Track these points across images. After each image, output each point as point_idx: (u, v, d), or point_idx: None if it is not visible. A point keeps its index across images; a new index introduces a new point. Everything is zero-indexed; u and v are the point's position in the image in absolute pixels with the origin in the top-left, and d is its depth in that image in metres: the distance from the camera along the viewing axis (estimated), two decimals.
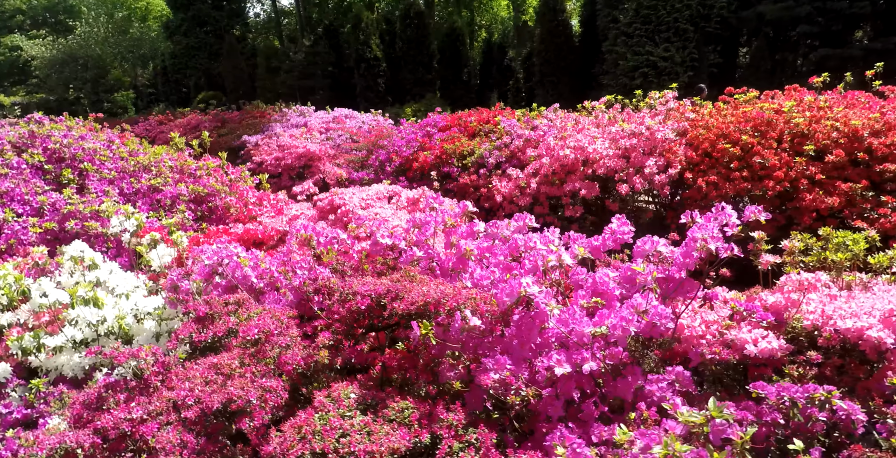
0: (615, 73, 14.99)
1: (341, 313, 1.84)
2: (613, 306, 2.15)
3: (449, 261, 2.28)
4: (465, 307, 1.69)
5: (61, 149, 4.58)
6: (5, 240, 3.67)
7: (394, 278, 1.98)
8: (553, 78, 17.44)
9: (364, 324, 1.90)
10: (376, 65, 20.83)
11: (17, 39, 39.23)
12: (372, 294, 1.77)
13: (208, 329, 1.88)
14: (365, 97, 20.54)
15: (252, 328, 1.74)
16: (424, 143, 7.59)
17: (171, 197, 4.38)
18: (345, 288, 1.86)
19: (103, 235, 3.79)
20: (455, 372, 1.86)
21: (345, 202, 3.67)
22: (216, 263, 2.97)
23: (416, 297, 1.70)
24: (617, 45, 14.83)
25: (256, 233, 3.65)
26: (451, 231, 2.33)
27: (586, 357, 1.83)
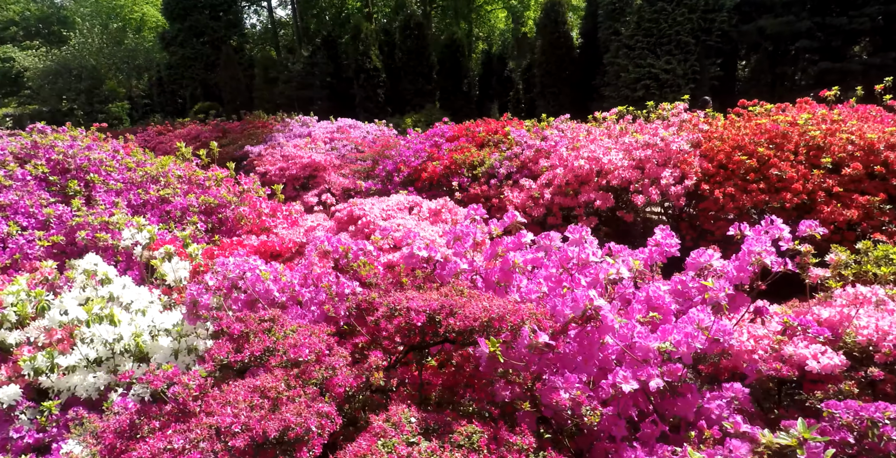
0: (617, 85, 15.02)
1: (389, 330, 1.72)
2: (670, 321, 2.04)
3: (493, 274, 2.17)
4: (529, 323, 1.57)
5: (66, 159, 4.44)
6: (10, 255, 3.53)
7: (442, 293, 1.87)
8: (554, 89, 17.46)
9: (415, 342, 1.77)
10: (376, 75, 20.80)
11: (10, 50, 39.06)
12: (427, 310, 1.66)
13: (244, 349, 1.75)
14: (364, 108, 20.49)
15: (302, 349, 1.61)
16: (433, 153, 7.50)
17: (181, 208, 4.25)
18: (393, 303, 1.73)
19: (113, 248, 3.65)
20: (510, 391, 1.74)
21: (365, 213, 3.55)
22: (237, 276, 2.84)
23: (478, 312, 1.59)
24: (619, 58, 14.88)
25: (274, 245, 3.52)
26: (497, 242, 2.22)
27: (653, 374, 1.71)
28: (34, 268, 3.46)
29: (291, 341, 1.81)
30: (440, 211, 3.79)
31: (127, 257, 3.72)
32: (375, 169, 8.32)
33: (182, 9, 27.86)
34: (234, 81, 25.47)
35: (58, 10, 45.50)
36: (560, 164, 6.19)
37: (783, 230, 2.45)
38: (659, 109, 7.15)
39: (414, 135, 8.35)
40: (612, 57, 15.26)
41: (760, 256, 2.25)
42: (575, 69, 17.53)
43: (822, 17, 13.34)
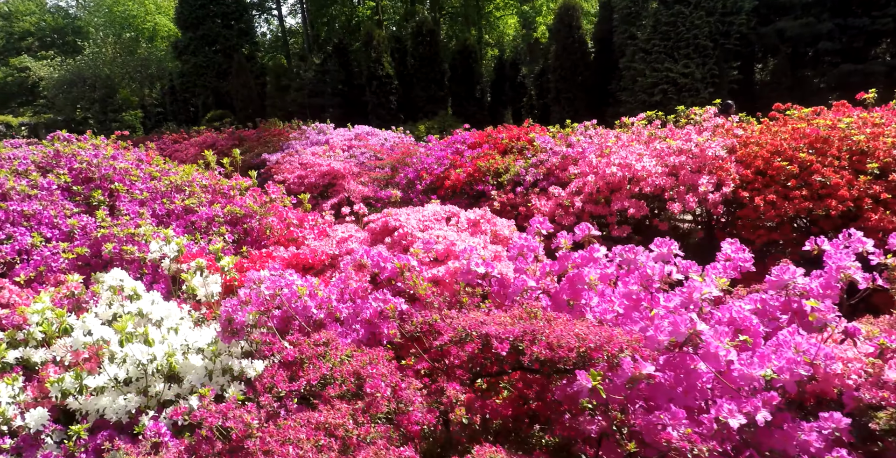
0: (633, 90, 14.84)
1: (461, 358, 1.55)
2: (759, 344, 1.86)
3: (564, 292, 2.00)
4: (627, 351, 1.40)
5: (89, 168, 4.32)
6: (34, 267, 3.40)
7: (515, 315, 1.70)
8: (569, 95, 17.29)
9: (491, 371, 1.60)
10: (388, 82, 20.74)
11: (26, 61, 39.53)
12: (509, 337, 1.49)
13: (300, 377, 1.59)
14: (377, 115, 20.42)
15: (378, 382, 1.45)
16: (455, 160, 7.35)
17: (207, 219, 4.11)
18: (468, 328, 1.57)
19: (139, 260, 3.51)
20: (597, 425, 1.57)
21: (401, 224, 3.39)
22: (274, 293, 2.69)
23: (570, 341, 1.42)
24: (635, 62, 14.70)
25: (306, 257, 3.37)
26: (566, 257, 2.05)
27: (758, 406, 1.54)
28: (59, 281, 3.33)
29: (350, 368, 1.64)
30: (479, 222, 3.63)
31: (153, 269, 3.59)
32: (395, 177, 8.18)
33: (195, 18, 28.05)
34: (245, 89, 25.53)
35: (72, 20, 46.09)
36: (590, 171, 6.01)
37: (866, 244, 2.27)
38: (688, 113, 6.96)
39: (435, 142, 8.21)
40: (628, 61, 15.08)
41: (849, 271, 2.07)
42: (590, 74, 17.35)
43: (843, 18, 13.12)
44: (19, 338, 2.82)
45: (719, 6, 14.00)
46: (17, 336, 2.84)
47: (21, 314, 2.84)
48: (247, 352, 2.83)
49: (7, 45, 43.79)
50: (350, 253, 3.45)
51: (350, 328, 2.71)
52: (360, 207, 4.05)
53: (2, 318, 2.92)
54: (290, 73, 25.72)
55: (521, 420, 1.80)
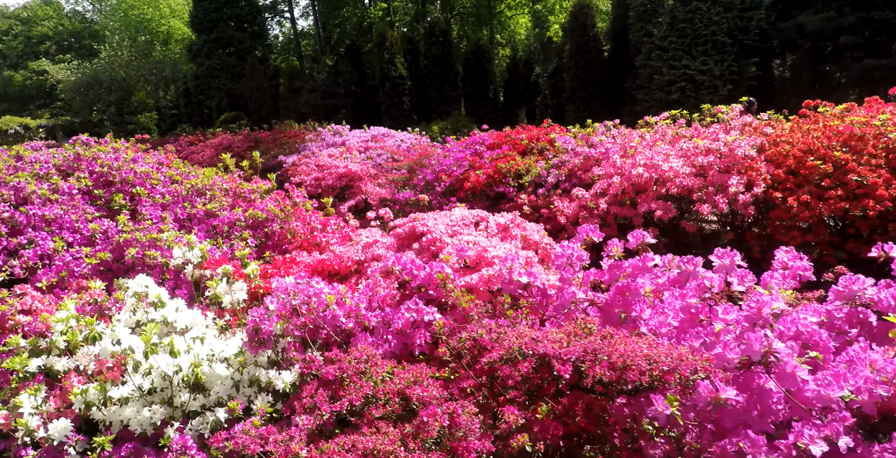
0: (650, 88, 14.62)
1: (514, 378, 1.45)
2: (829, 361, 1.73)
3: (616, 305, 1.88)
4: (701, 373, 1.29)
5: (110, 172, 4.27)
6: (56, 272, 3.34)
7: (568, 331, 1.59)
8: (584, 94, 17.09)
9: (549, 392, 1.49)
10: (401, 83, 20.66)
11: (44, 64, 40.02)
12: (571, 357, 1.38)
13: (341, 397, 1.49)
14: (390, 116, 20.35)
15: (434, 410, 1.34)
16: (474, 162, 7.24)
17: (228, 223, 4.04)
18: (525, 347, 1.46)
19: (161, 266, 3.44)
20: (661, 449, 1.45)
21: (429, 229, 3.29)
22: (302, 301, 2.60)
23: (639, 362, 1.31)
24: (651, 60, 14.48)
25: (332, 264, 3.28)
26: (616, 266, 1.94)
27: (839, 430, 1.41)
28: (81, 287, 3.27)
29: (393, 387, 1.54)
30: (508, 227, 3.51)
31: (175, 275, 3.52)
32: (413, 179, 8.09)
33: (209, 21, 28.20)
34: (259, 91, 25.60)
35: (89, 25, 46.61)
36: (615, 172, 5.87)
37: None
38: (714, 111, 6.80)
39: (453, 143, 8.10)
40: (644, 59, 14.86)
41: None
42: (605, 73, 17.14)
43: (865, 11, 12.82)
44: (42, 346, 2.76)
45: (738, 1, 13.74)
46: (39, 344, 2.78)
47: (44, 322, 2.78)
48: (272, 361, 2.74)
49: (26, 49, 44.38)
50: (377, 259, 3.36)
51: (381, 339, 2.61)
52: (385, 211, 3.95)
53: (24, 325, 2.86)
54: (303, 74, 25.75)
55: (571, 439, 1.69)
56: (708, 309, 1.93)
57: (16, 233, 3.64)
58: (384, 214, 3.93)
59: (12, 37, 44.43)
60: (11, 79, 41.71)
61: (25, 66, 42.17)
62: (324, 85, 23.35)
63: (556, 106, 19.01)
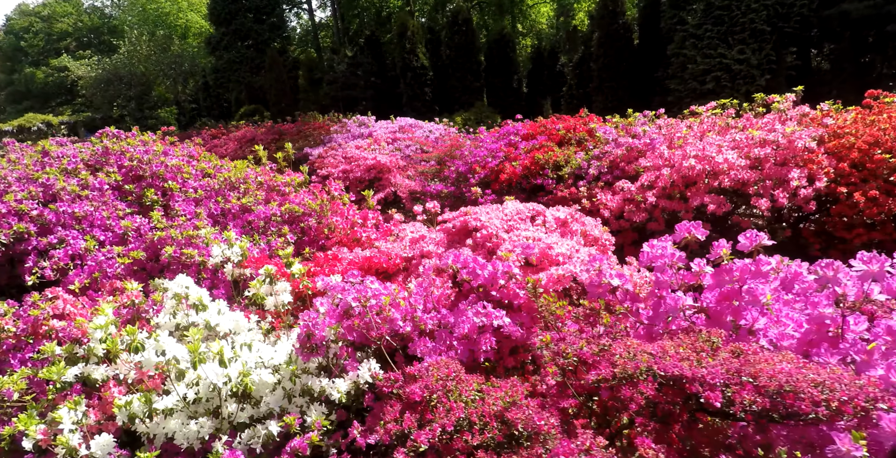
0: (683, 78, 14.13)
1: (638, 402, 1.20)
2: None
3: (726, 312, 1.62)
4: (882, 403, 1.03)
5: (139, 166, 4.08)
6: (89, 273, 3.15)
7: (695, 347, 1.34)
8: (612, 83, 16.62)
9: (681, 419, 1.25)
10: (423, 73, 20.33)
11: (65, 60, 40.35)
12: (716, 381, 1.13)
13: (428, 420, 1.26)
14: (411, 107, 20.06)
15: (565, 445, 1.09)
16: (509, 153, 6.96)
17: (264, 218, 3.83)
18: (663, 369, 1.21)
19: (197, 265, 3.24)
20: None
21: (483, 224, 3.04)
22: (361, 304, 2.37)
23: (806, 388, 1.05)
24: (685, 48, 13.97)
25: (380, 261, 3.05)
26: (725, 270, 1.67)
27: None
28: (114, 288, 3.09)
29: (488, 409, 1.30)
30: (567, 221, 3.25)
31: (212, 274, 3.32)
32: (444, 170, 7.83)
33: (227, 13, 28.09)
34: (279, 83, 25.46)
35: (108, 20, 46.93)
36: (663, 163, 5.56)
37: None
38: (767, 100, 6.43)
39: (486, 134, 7.82)
40: (676, 48, 14.36)
41: None
42: (634, 62, 16.63)
43: None
44: (78, 353, 2.57)
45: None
46: (75, 351, 2.60)
47: (79, 327, 2.59)
48: (321, 367, 2.53)
49: (46, 46, 44.78)
50: (426, 256, 3.12)
51: (443, 344, 2.38)
52: (434, 204, 3.70)
53: (58, 330, 2.67)
54: (323, 66, 25.55)
55: None
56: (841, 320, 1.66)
57: (45, 232, 3.46)
58: (432, 208, 3.69)
59: (33, 34, 44.84)
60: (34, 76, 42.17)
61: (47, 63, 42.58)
62: (344, 76, 23.12)
63: (582, 96, 18.54)
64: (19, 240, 3.39)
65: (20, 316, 2.88)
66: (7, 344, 2.72)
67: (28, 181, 3.97)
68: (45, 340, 2.68)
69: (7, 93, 42.85)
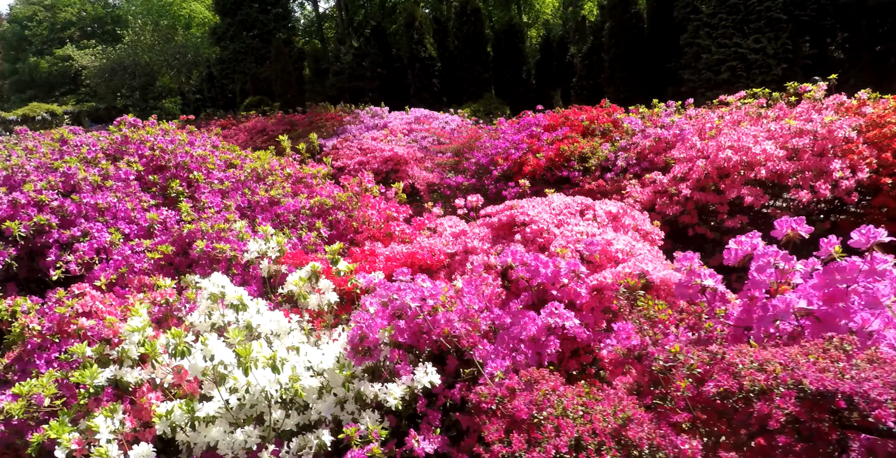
0: (696, 68, 13.87)
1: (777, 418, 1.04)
2: None
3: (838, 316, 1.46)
4: None
5: (162, 156, 3.91)
6: (115, 268, 2.99)
7: (833, 356, 1.17)
8: (624, 74, 16.35)
9: (830, 438, 1.08)
10: (431, 64, 20.06)
11: (69, 50, 40.07)
12: (884, 397, 0.97)
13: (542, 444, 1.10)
14: (419, 98, 19.81)
15: None
16: (532, 144, 6.77)
17: (294, 211, 3.66)
18: (822, 385, 1.04)
19: (228, 260, 3.08)
20: None
21: (532, 218, 2.87)
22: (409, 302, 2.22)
23: None
24: (699, 38, 13.71)
25: (424, 257, 2.88)
26: (837, 269, 1.51)
27: None
28: (143, 284, 2.93)
29: (601, 426, 1.14)
30: (619, 215, 3.08)
31: (243, 269, 3.16)
32: (463, 162, 7.66)
33: (232, 3, 27.79)
34: (284, 74, 25.20)
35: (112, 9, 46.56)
36: (696, 154, 5.38)
37: None
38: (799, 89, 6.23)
39: (507, 125, 7.64)
40: (690, 37, 14.09)
41: None
42: (646, 52, 16.35)
43: None
44: (110, 355, 2.42)
45: None
46: (106, 352, 2.44)
47: (110, 327, 2.43)
48: (369, 369, 2.37)
49: (50, 35, 44.44)
50: (471, 251, 2.96)
51: (505, 347, 2.22)
52: (477, 198, 3.50)
53: (86, 329, 2.52)
54: (328, 57, 25.26)
55: None
56: None
57: (67, 224, 3.30)
58: (475, 202, 3.50)
59: (37, 23, 44.49)
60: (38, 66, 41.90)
61: (51, 52, 42.29)
62: (350, 67, 22.86)
63: (592, 87, 18.28)
64: (40, 232, 3.23)
65: (45, 313, 2.73)
66: (32, 344, 2.57)
67: (47, 171, 3.81)
68: (72, 339, 2.53)
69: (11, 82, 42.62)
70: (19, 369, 2.68)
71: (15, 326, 2.53)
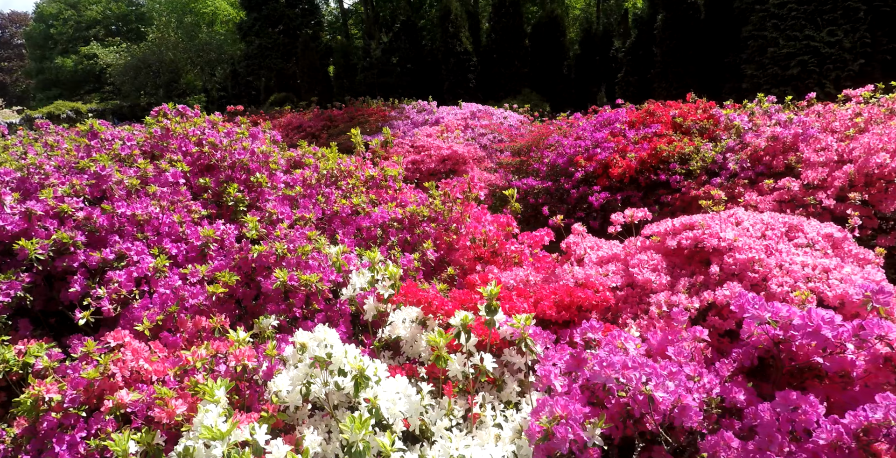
0: (761, 63, 12.80)
1: None
2: None
3: None
4: None
5: (212, 152, 3.12)
6: (162, 305, 2.19)
7: None
8: (678, 69, 15.28)
9: None
10: (466, 59, 19.16)
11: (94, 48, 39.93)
12: None
13: None
14: (453, 94, 18.91)
15: None
16: (618, 143, 5.91)
17: (381, 224, 2.85)
18: None
19: (306, 292, 2.27)
20: None
21: (729, 243, 2.03)
22: (639, 386, 1.39)
23: None
24: (765, 30, 12.64)
25: (586, 296, 2.05)
26: None
27: None
28: (199, 328, 2.14)
29: None
30: (840, 241, 2.21)
31: (326, 304, 2.35)
32: (531, 163, 6.82)
33: None
34: (312, 70, 24.51)
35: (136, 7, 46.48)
36: (835, 157, 4.49)
37: None
38: None
39: (586, 121, 6.77)
40: (753, 29, 13.02)
41: None
42: (702, 46, 15.22)
43: None
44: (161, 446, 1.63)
45: None
46: (157, 440, 1.65)
47: (165, 408, 1.64)
48: None
49: (75, 34, 44.40)
50: (644, 286, 2.12)
51: (775, 444, 1.38)
52: (644, 213, 2.66)
53: (125, 404, 1.73)
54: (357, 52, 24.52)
55: None
56: None
57: (96, 242, 2.52)
58: (640, 216, 2.64)
59: (62, 21, 44.49)
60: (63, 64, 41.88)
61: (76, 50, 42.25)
62: (380, 63, 22.08)
63: (638, 83, 17.23)
64: (61, 253, 2.46)
65: (66, 374, 1.96)
66: (49, 422, 1.80)
67: (71, 171, 3.05)
68: (110, 418, 1.75)
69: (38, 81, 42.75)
70: (33, 449, 1.91)
71: (24, 397, 1.76)
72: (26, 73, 44.71)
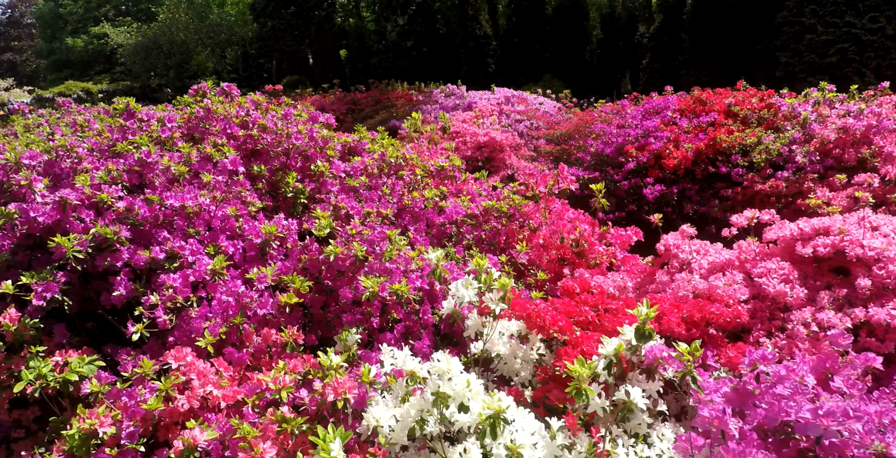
0: (797, 50, 12.30)
1: None
2: None
3: None
4: None
5: (261, 137, 2.80)
6: (223, 315, 1.89)
7: None
8: (708, 56, 14.74)
9: None
10: (486, 43, 18.65)
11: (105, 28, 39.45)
12: None
13: None
14: (472, 78, 18.41)
15: None
16: (672, 132, 5.55)
17: (456, 220, 2.54)
18: None
19: (390, 302, 1.96)
20: None
21: (878, 251, 1.71)
22: None
23: None
24: (802, 16, 12.11)
25: (721, 312, 1.73)
26: None
27: None
28: (270, 343, 1.84)
29: None
30: None
31: (406, 315, 2.05)
32: (573, 151, 6.47)
33: None
34: (325, 52, 24.03)
35: None
36: None
37: None
38: None
39: (633, 109, 6.40)
40: (789, 15, 12.49)
41: None
42: (733, 32, 14.62)
43: None
44: None
45: None
46: None
47: (247, 451, 1.34)
48: None
49: (86, 13, 43.85)
50: (774, 300, 1.80)
51: None
52: (769, 214, 2.32)
53: (198, 444, 1.43)
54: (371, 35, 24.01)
55: None
56: None
57: (140, 237, 2.22)
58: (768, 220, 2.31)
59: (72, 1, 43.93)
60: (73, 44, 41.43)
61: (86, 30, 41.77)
62: (395, 46, 21.59)
63: (663, 70, 16.70)
64: (101, 250, 2.15)
65: (118, 398, 1.67)
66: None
67: (104, 156, 2.74)
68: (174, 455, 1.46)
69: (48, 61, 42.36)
70: None
71: (72, 432, 1.46)
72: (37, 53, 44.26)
